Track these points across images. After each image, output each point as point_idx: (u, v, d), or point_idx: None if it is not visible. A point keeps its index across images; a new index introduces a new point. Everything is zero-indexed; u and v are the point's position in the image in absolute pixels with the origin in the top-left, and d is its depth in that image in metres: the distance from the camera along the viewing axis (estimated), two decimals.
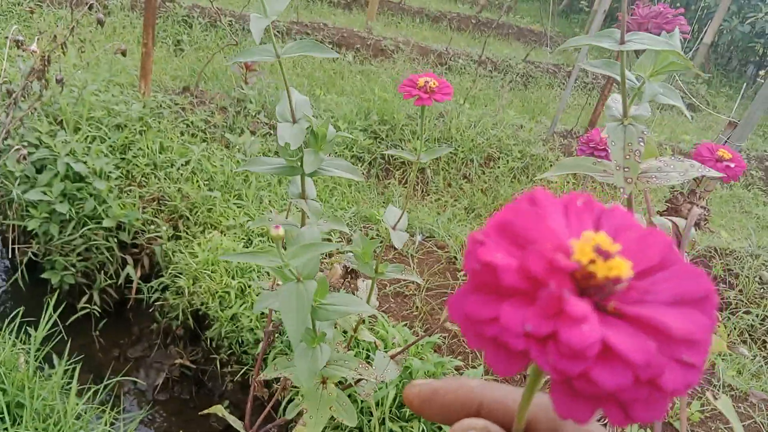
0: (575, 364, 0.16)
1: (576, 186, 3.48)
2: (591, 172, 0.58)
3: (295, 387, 1.34)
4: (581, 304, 0.17)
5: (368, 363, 0.86)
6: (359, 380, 0.96)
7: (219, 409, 0.98)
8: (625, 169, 0.51)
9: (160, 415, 2.14)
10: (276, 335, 1.96)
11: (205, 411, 1.05)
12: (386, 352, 1.84)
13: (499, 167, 3.56)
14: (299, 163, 0.74)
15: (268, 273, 1.98)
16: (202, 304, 2.13)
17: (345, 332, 0.95)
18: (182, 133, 2.88)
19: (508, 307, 0.17)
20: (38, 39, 1.72)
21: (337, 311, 0.70)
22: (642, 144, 0.52)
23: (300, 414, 0.81)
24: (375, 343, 1.00)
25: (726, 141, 1.82)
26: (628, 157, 0.51)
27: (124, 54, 2.10)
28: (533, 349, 0.17)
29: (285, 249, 0.67)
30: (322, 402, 0.79)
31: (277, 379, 1.30)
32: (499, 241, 0.18)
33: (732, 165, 0.75)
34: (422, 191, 3.39)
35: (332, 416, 0.79)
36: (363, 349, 1.85)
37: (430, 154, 0.86)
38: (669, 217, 0.62)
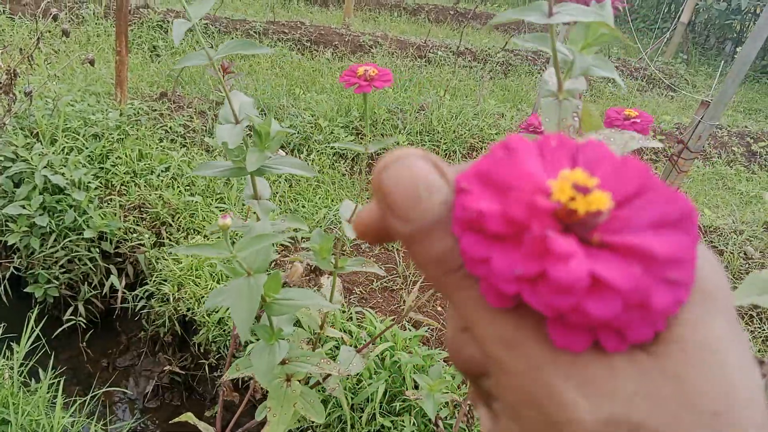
0: (567, 298, 0.17)
1: None
2: None
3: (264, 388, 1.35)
4: (566, 241, 0.17)
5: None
6: (327, 376, 0.97)
7: (189, 417, 0.98)
8: None
9: (153, 422, 2.13)
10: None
11: (176, 420, 1.04)
12: (374, 346, 1.83)
13: None
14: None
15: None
16: (188, 309, 2.12)
17: (302, 326, 0.95)
18: (161, 140, 2.86)
19: (497, 252, 0.18)
20: (1, 53, 1.70)
21: (292, 306, 0.70)
22: (576, 119, 0.52)
23: None
24: (342, 338, 1.00)
25: (700, 121, 1.83)
26: (562, 132, 0.52)
27: (92, 64, 2.08)
28: (525, 291, 0.17)
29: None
30: (286, 399, 0.78)
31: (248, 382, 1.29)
32: (481, 189, 0.19)
33: (638, 120, 0.78)
34: None
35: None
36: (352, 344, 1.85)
37: (377, 144, 0.86)
38: None
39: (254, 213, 0.82)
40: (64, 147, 2.53)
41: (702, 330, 0.18)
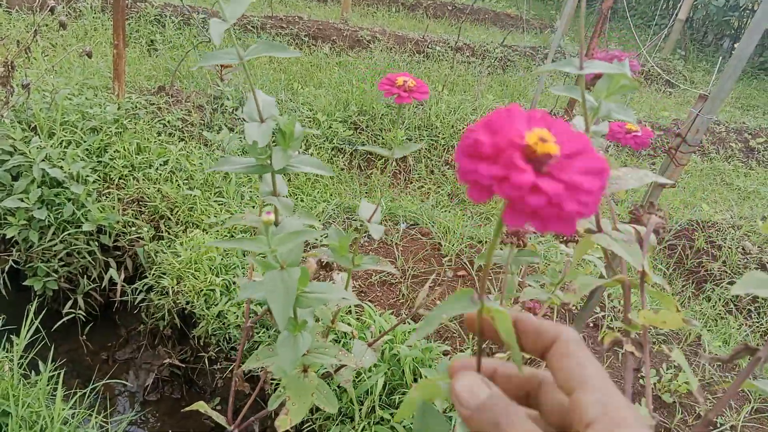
0: (517, 192, 0.27)
1: None
2: None
3: (274, 379, 1.36)
4: (525, 163, 0.28)
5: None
6: (339, 368, 0.99)
7: (201, 406, 0.99)
8: None
9: (153, 415, 2.13)
10: (257, 330, 1.96)
11: (188, 408, 1.05)
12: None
13: None
14: (269, 161, 0.77)
15: (243, 273, 1.99)
16: (187, 303, 2.12)
17: (319, 320, 0.97)
18: (159, 133, 2.86)
19: (482, 165, 0.28)
20: None
21: (319, 299, 0.74)
22: (601, 154, 0.59)
23: (282, 405, 0.82)
24: (352, 332, 1.02)
25: (698, 114, 1.83)
26: None
27: (89, 56, 2.07)
28: (495, 185, 0.28)
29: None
30: (304, 389, 0.83)
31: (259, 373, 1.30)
32: (484, 130, 0.29)
33: (639, 133, 0.85)
34: (405, 180, 3.39)
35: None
36: (349, 338, 1.86)
37: (404, 149, 0.89)
38: (633, 225, 0.73)
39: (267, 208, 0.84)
40: (62, 140, 2.53)
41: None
